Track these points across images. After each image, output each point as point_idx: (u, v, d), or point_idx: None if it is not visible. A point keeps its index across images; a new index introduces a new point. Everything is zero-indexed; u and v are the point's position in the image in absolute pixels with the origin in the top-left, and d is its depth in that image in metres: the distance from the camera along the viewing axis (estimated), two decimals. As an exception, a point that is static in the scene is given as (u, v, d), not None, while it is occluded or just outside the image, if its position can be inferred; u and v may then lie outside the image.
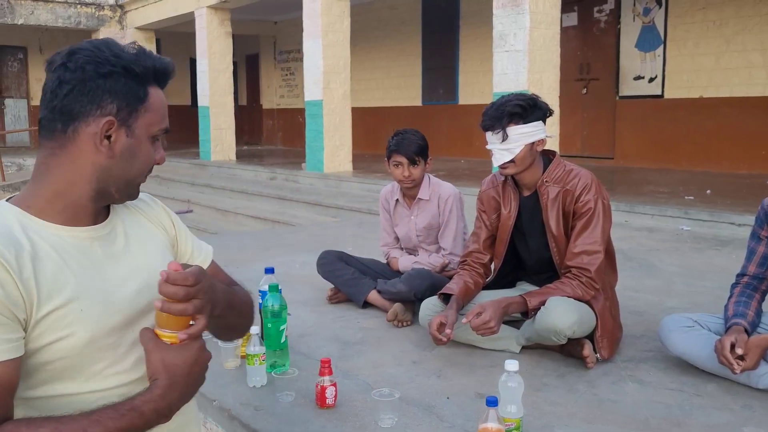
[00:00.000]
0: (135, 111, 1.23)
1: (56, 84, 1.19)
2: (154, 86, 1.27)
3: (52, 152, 1.22)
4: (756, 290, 2.50)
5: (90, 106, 1.19)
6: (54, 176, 1.22)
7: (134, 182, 1.28)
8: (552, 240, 2.70)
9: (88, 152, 1.21)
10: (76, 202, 1.23)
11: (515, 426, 1.95)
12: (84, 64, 1.19)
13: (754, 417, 2.18)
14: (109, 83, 1.19)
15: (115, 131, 1.21)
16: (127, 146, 1.23)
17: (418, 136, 3.34)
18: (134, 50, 1.24)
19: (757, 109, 8.29)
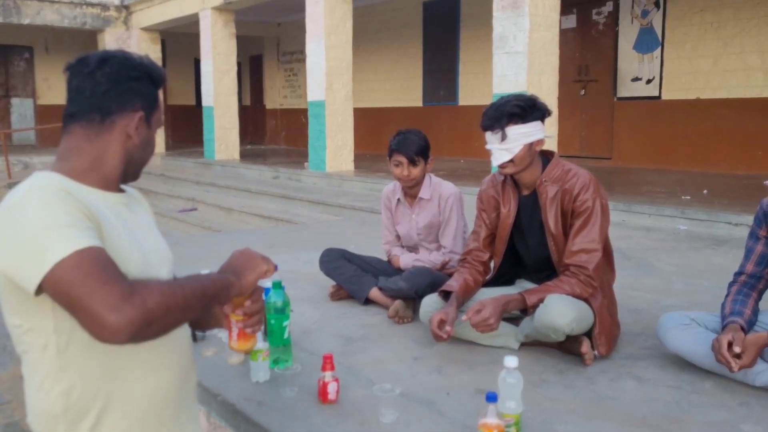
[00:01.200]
0: (153, 109, 1.52)
1: (93, 84, 1.45)
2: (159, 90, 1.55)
3: (87, 138, 1.46)
4: (753, 289, 2.53)
5: (125, 103, 1.46)
6: (90, 155, 1.46)
7: (143, 165, 1.56)
8: (551, 239, 2.73)
9: (120, 139, 1.47)
10: (108, 175, 1.48)
11: (514, 422, 1.97)
12: (119, 70, 1.46)
13: (751, 414, 2.21)
14: (138, 86, 1.48)
15: (140, 125, 1.49)
16: (147, 136, 1.52)
17: (419, 136, 3.37)
18: (148, 59, 1.53)
19: (754, 111, 8.32)
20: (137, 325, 1.20)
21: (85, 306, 1.20)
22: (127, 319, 1.19)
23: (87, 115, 1.45)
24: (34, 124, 16.84)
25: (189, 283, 1.35)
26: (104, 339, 1.21)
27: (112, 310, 1.19)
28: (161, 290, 1.26)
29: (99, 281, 1.21)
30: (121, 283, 1.22)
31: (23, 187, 1.34)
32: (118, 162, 1.48)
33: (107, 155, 1.47)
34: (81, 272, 1.21)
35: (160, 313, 1.24)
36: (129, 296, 1.21)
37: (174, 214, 9.22)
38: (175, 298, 1.28)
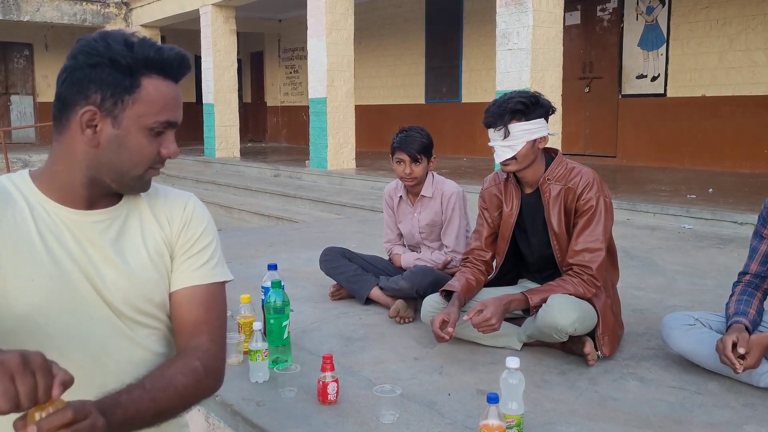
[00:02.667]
0: (120, 101, 1.21)
1: (60, 72, 1.23)
2: (153, 78, 1.22)
3: (55, 137, 1.26)
4: (758, 289, 2.50)
5: (78, 95, 1.20)
6: (53, 158, 1.26)
7: (129, 174, 1.25)
8: (554, 238, 2.70)
9: (77, 140, 1.22)
10: (68, 185, 1.25)
11: (516, 423, 1.96)
12: (77, 54, 1.21)
13: (755, 415, 2.19)
14: (94, 73, 1.19)
15: (99, 121, 1.21)
16: (113, 137, 1.22)
17: (422, 134, 3.34)
18: (134, 40, 1.22)
19: (760, 108, 8.27)
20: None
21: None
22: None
23: (53, 110, 1.24)
24: (33, 122, 16.85)
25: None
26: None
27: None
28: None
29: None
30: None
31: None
32: (76, 168, 1.23)
33: (65, 160, 1.23)
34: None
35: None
36: None
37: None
38: None
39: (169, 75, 1.25)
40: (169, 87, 1.25)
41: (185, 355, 1.27)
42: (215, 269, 1.37)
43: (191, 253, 1.35)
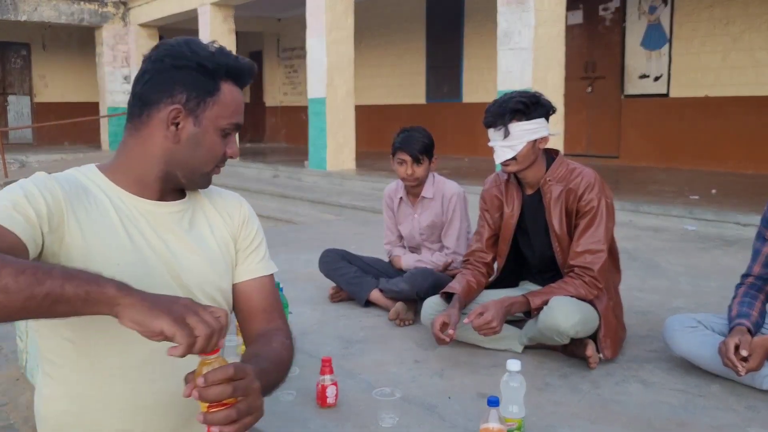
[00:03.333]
0: (203, 102, 1.32)
1: (140, 73, 1.34)
2: (229, 83, 1.35)
3: (130, 133, 1.36)
4: (760, 291, 2.48)
5: (162, 94, 1.31)
6: (128, 153, 1.36)
7: (200, 170, 1.37)
8: (555, 239, 2.68)
9: (158, 136, 1.33)
10: (143, 177, 1.35)
11: (517, 426, 1.94)
12: (163, 57, 1.31)
13: (758, 418, 2.17)
14: (181, 75, 1.30)
15: (182, 119, 1.32)
16: (193, 134, 1.33)
17: (424, 134, 3.32)
18: (214, 49, 1.34)
19: (764, 109, 8.24)
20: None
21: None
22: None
23: (131, 108, 1.36)
24: (30, 122, 16.85)
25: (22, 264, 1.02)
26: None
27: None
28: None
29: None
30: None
31: None
32: (154, 163, 1.34)
33: (145, 154, 1.34)
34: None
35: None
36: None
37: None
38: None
39: (239, 82, 1.37)
40: (239, 92, 1.38)
41: (274, 334, 1.43)
42: (270, 261, 1.55)
43: (252, 247, 1.50)
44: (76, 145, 16.92)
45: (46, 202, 1.20)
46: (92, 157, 14.16)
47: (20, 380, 4.01)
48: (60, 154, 14.59)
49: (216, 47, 1.35)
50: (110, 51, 15.22)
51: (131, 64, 15.39)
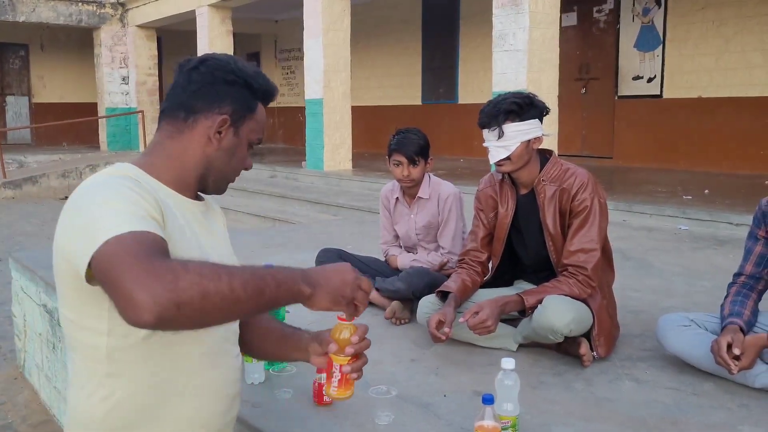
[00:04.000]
0: (244, 117, 1.47)
1: (187, 82, 1.44)
2: (261, 102, 1.51)
3: (169, 135, 1.45)
4: (752, 290, 2.51)
5: (212, 104, 1.43)
6: (169, 153, 1.44)
7: (228, 178, 1.51)
8: (549, 238, 2.71)
9: (201, 141, 1.44)
10: (184, 177, 1.45)
11: (511, 424, 1.95)
12: (214, 70, 1.43)
13: (750, 416, 2.19)
14: (231, 90, 1.44)
15: (226, 129, 1.45)
16: (232, 144, 1.47)
17: (419, 135, 3.34)
18: (255, 69, 1.49)
19: (756, 110, 8.29)
20: (164, 306, 1.07)
21: (119, 282, 1.09)
22: (153, 297, 1.06)
23: (174, 112, 1.44)
24: (29, 123, 16.82)
25: (243, 274, 1.17)
26: (130, 320, 1.09)
27: (142, 287, 1.07)
28: (201, 271, 1.12)
29: (136, 258, 1.11)
30: (156, 260, 1.11)
31: (96, 175, 1.34)
32: (194, 165, 1.45)
33: (185, 156, 1.44)
34: (123, 248, 1.13)
35: (195, 296, 1.09)
36: (161, 274, 1.09)
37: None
38: (218, 284, 1.12)
39: (266, 102, 1.53)
40: (264, 111, 1.53)
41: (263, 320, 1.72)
42: None
43: None
44: (74, 146, 16.91)
45: (154, 205, 1.29)
46: (90, 158, 14.15)
47: (18, 379, 4.03)
48: (58, 155, 14.57)
49: (255, 68, 1.50)
50: (108, 52, 15.21)
51: (129, 65, 15.38)
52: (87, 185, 1.30)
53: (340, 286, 1.31)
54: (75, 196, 1.29)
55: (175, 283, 1.08)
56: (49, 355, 3.83)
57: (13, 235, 8.80)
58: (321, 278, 1.30)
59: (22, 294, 4.32)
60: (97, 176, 1.33)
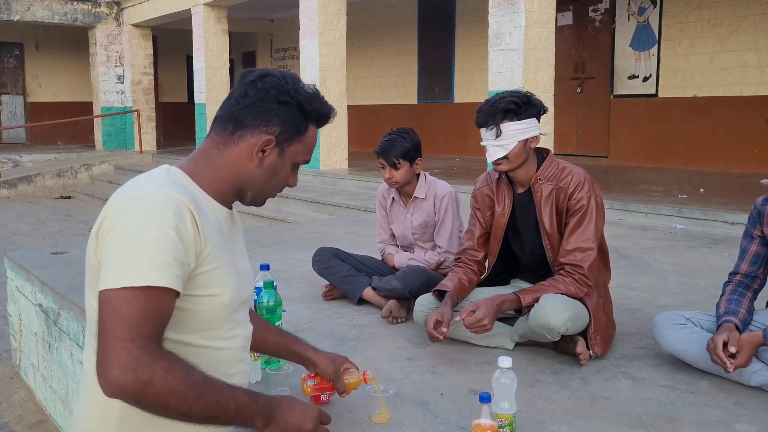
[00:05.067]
0: (292, 139, 1.47)
1: (242, 95, 1.44)
2: (314, 125, 1.50)
3: (216, 145, 1.46)
4: (748, 288, 2.52)
5: (260, 122, 1.43)
6: (213, 164, 1.46)
7: (266, 195, 1.52)
8: (545, 237, 2.71)
9: (243, 157, 1.45)
10: (223, 188, 1.47)
11: (508, 422, 1.96)
12: (269, 88, 1.43)
13: (745, 414, 2.20)
14: (282, 110, 1.43)
15: (270, 149, 1.45)
16: (274, 164, 1.47)
17: (406, 138, 3.32)
18: (311, 91, 1.48)
19: (751, 109, 8.32)
20: (126, 394, 1.20)
21: (106, 343, 1.20)
22: (123, 383, 1.18)
23: (224, 123, 1.46)
24: (24, 122, 16.77)
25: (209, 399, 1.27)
26: (98, 377, 1.21)
27: (119, 368, 1.18)
28: (173, 386, 1.22)
29: (132, 331, 1.20)
30: (147, 347, 1.21)
31: (154, 181, 1.34)
32: (234, 178, 1.46)
33: (227, 168, 1.45)
34: (127, 312, 1.21)
35: (155, 403, 1.22)
36: (142, 368, 1.19)
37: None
38: (180, 404, 1.23)
39: (321, 125, 1.52)
40: (317, 134, 1.53)
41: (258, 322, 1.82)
42: None
43: None
44: (69, 145, 16.87)
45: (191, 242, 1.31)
46: (86, 157, 14.11)
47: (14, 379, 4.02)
48: (53, 154, 14.53)
49: (314, 89, 1.48)
50: (104, 51, 15.17)
51: (125, 64, 15.35)
52: (139, 199, 1.30)
53: (295, 429, 1.42)
54: (131, 197, 1.30)
55: (146, 387, 1.19)
56: (45, 355, 3.82)
57: (8, 234, 8.78)
58: (280, 415, 1.40)
59: (18, 293, 4.31)
60: (155, 184, 1.33)
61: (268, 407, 1.38)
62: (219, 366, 1.46)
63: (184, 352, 1.36)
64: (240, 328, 1.53)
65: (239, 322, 1.53)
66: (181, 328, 1.38)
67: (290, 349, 1.88)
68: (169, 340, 1.35)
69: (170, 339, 1.36)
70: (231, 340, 1.50)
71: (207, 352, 1.44)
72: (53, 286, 3.66)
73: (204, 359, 1.41)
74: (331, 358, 1.97)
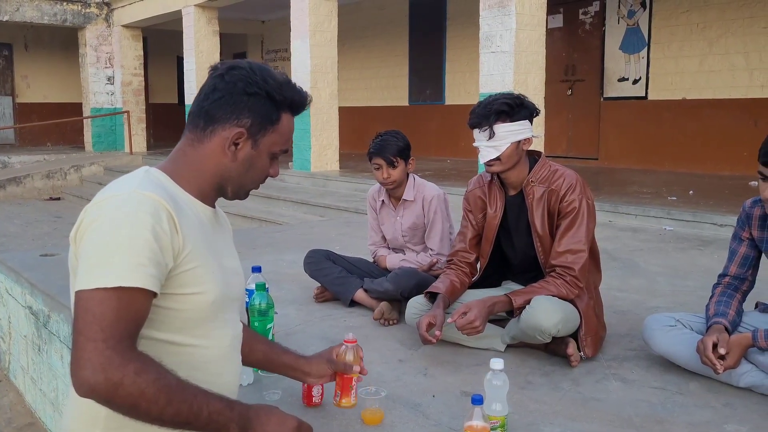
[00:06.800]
0: (264, 129, 1.45)
1: (210, 90, 1.43)
2: (288, 113, 1.48)
3: (191, 143, 1.46)
4: (737, 290, 2.54)
5: (230, 115, 1.41)
6: (189, 162, 1.45)
7: (247, 188, 1.51)
8: (537, 239, 2.72)
9: (217, 152, 1.44)
10: (203, 185, 1.46)
11: (500, 424, 1.96)
12: (237, 81, 1.41)
13: (735, 415, 2.21)
14: (251, 101, 1.41)
15: (243, 141, 1.44)
16: (249, 156, 1.46)
17: (398, 137, 3.35)
18: (281, 79, 1.45)
19: (739, 111, 8.38)
20: (97, 395, 1.20)
21: (79, 342, 1.20)
22: (93, 383, 1.18)
23: (195, 119, 1.45)
24: (12, 123, 16.66)
25: (182, 404, 1.25)
26: (70, 376, 1.21)
27: (91, 368, 1.18)
28: (144, 389, 1.21)
29: (104, 332, 1.20)
30: (118, 348, 1.20)
31: (131, 182, 1.34)
32: (212, 175, 1.45)
33: (204, 165, 1.44)
34: (101, 311, 1.21)
35: (126, 404, 1.21)
36: (113, 369, 1.18)
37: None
38: (151, 407, 1.22)
39: (296, 112, 1.50)
40: (292, 122, 1.52)
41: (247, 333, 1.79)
42: None
43: None
44: (58, 146, 16.77)
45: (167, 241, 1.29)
46: (75, 158, 14.04)
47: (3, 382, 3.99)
48: (42, 155, 14.44)
49: (284, 77, 1.46)
50: (94, 52, 15.10)
51: (115, 65, 15.28)
52: (114, 201, 1.29)
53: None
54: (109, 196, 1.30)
55: (116, 388, 1.18)
56: (35, 358, 3.79)
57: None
58: (257, 425, 1.36)
59: (7, 296, 4.28)
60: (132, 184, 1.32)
61: (243, 416, 1.35)
62: (208, 366, 1.44)
63: (170, 351, 1.36)
64: (229, 328, 1.52)
65: (228, 321, 1.52)
66: (166, 326, 1.37)
67: (280, 360, 1.86)
68: (155, 339, 1.35)
69: (156, 338, 1.35)
70: (219, 339, 1.48)
71: (194, 351, 1.42)
72: (43, 288, 3.64)
73: (191, 358, 1.41)
74: (320, 357, 1.97)
